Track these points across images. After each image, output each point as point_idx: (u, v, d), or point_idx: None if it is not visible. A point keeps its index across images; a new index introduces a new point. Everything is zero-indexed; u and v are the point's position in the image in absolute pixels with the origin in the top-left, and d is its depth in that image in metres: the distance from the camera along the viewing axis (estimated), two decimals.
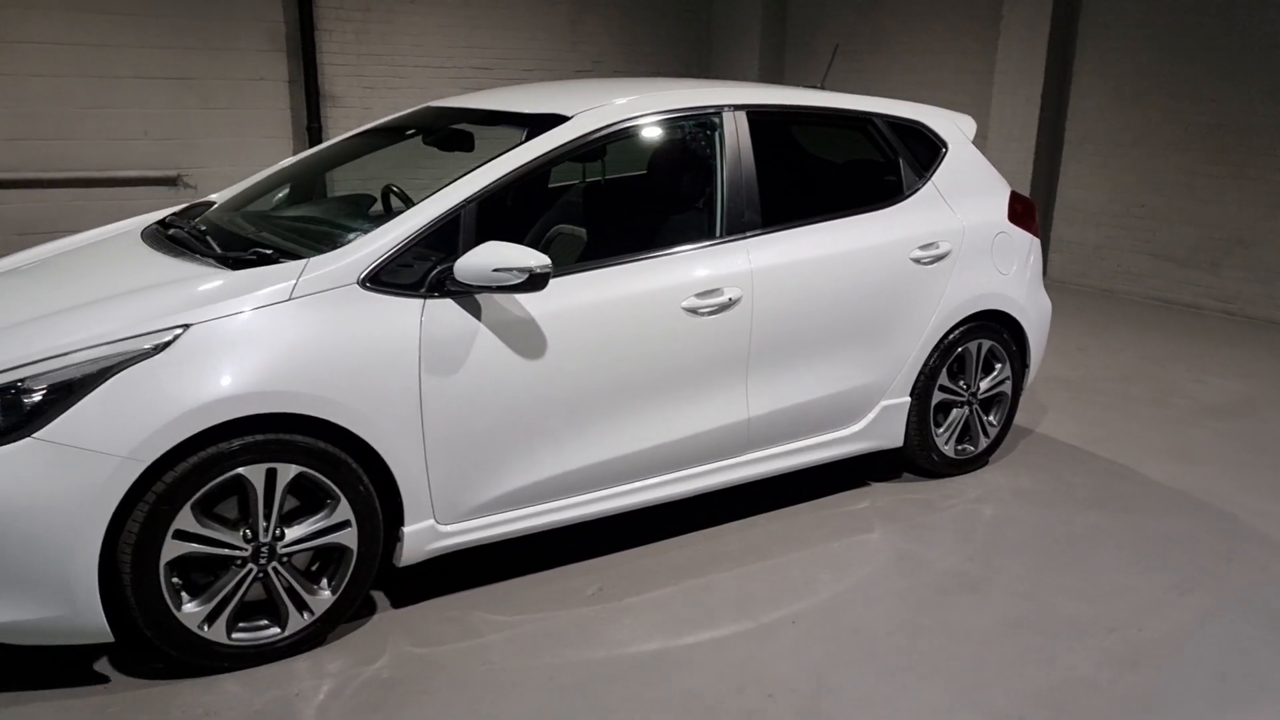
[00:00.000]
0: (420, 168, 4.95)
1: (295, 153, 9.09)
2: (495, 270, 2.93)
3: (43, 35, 7.92)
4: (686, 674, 2.90)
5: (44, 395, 2.57)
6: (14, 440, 2.53)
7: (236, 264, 3.02)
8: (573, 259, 3.46)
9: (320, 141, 9.11)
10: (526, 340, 3.13)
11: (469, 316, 3.04)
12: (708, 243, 3.54)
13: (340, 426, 2.85)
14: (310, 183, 4.18)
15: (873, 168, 4.21)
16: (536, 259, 2.94)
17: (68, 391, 2.58)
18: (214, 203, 4.04)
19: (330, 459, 2.85)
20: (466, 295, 3.04)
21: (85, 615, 2.62)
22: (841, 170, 4.33)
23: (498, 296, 3.08)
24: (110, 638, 2.69)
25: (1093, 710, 2.78)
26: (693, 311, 3.43)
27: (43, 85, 7.98)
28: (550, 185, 4.33)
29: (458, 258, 3.02)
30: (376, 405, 2.90)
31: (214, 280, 2.88)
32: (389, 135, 4.21)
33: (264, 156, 9.00)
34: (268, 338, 2.78)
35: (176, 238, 3.41)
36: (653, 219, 3.66)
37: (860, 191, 4.07)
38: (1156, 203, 7.83)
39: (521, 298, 3.12)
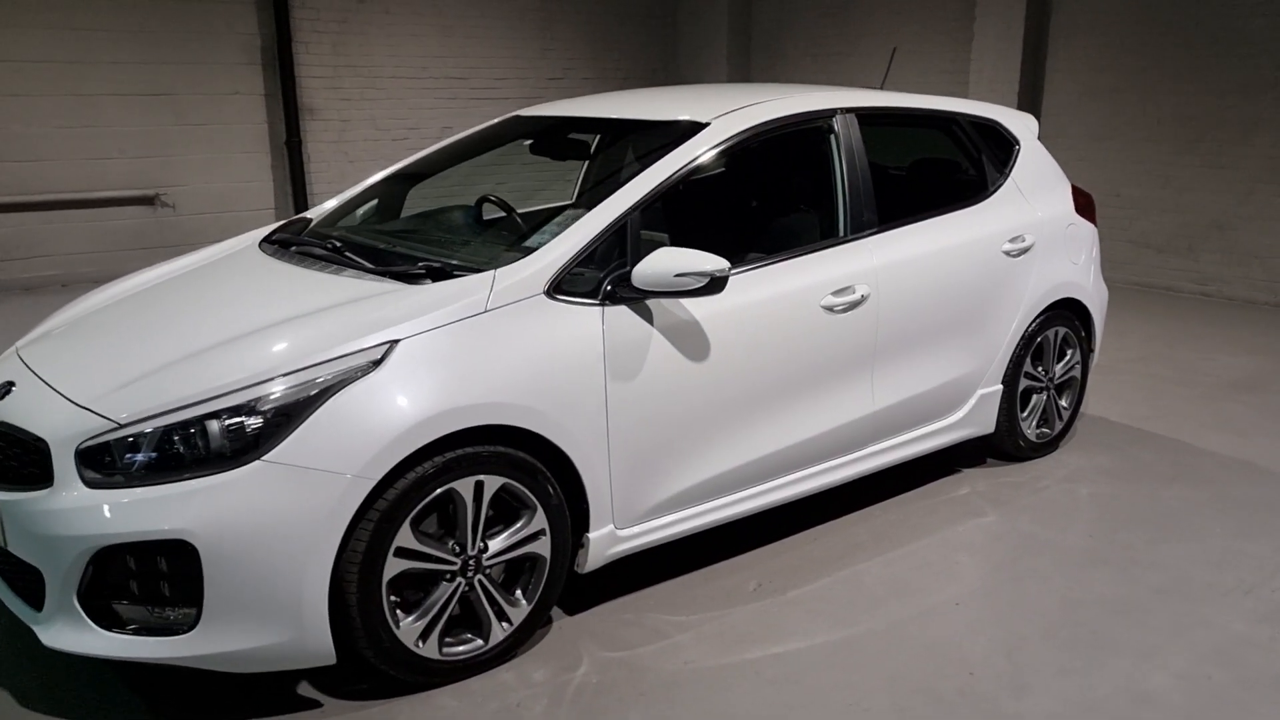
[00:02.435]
0: (496, 179, 4.96)
1: (274, 167, 8.94)
2: (677, 275, 2.97)
3: (13, 53, 7.62)
4: (882, 658, 3.00)
5: (269, 418, 2.53)
6: (242, 465, 2.50)
7: (409, 278, 3.01)
8: None
9: (300, 157, 8.96)
10: (693, 343, 3.19)
11: (643, 322, 3.09)
12: (835, 242, 3.64)
13: (540, 437, 2.87)
14: (401, 196, 4.15)
15: (959, 166, 4.37)
16: (716, 263, 3.00)
17: (292, 413, 2.55)
18: (311, 219, 3.99)
19: (529, 469, 2.87)
20: (639, 301, 3.08)
21: (313, 638, 2.59)
22: (931, 169, 4.48)
23: (665, 301, 3.13)
24: (333, 660, 2.66)
25: (1265, 667, 2.96)
26: (829, 309, 3.52)
27: (14, 105, 7.69)
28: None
29: (628, 264, 3.06)
30: (570, 413, 2.92)
31: (408, 296, 2.87)
32: (480, 145, 4.21)
33: (243, 172, 8.83)
34: (471, 350, 2.79)
35: (317, 254, 3.37)
36: (783, 220, 3.75)
37: (952, 189, 4.22)
38: (1133, 193, 8.21)
39: (686, 301, 3.17)
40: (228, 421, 2.53)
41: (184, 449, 2.52)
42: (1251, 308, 7.65)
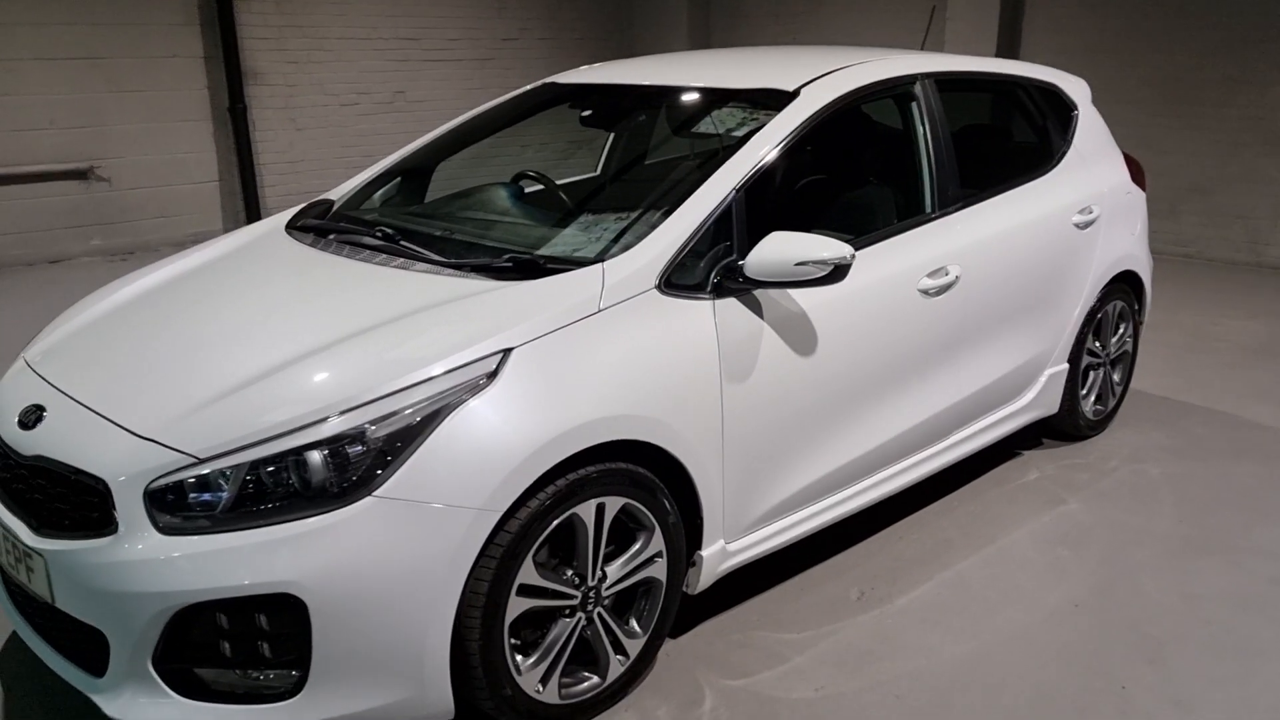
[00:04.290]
0: (522, 155, 4.57)
1: (215, 136, 8.30)
2: (798, 264, 2.67)
3: None
4: (1022, 674, 2.78)
5: (380, 446, 2.17)
6: (353, 503, 2.13)
7: (496, 272, 2.65)
8: None
9: (245, 125, 8.34)
10: (802, 335, 2.90)
11: (753, 315, 2.78)
12: (923, 219, 3.38)
13: (661, 450, 2.55)
14: (427, 174, 3.75)
15: (1008, 134, 4.14)
16: (839, 249, 2.70)
17: (405, 439, 2.19)
18: (334, 201, 3.58)
19: (649, 486, 2.56)
20: (747, 293, 2.78)
21: (434, 694, 2.26)
22: (999, 137, 4.24)
23: (772, 292, 2.83)
24: (452, 715, 2.33)
25: None
26: (925, 293, 3.27)
27: None
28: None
29: (734, 252, 2.75)
30: (688, 422, 2.61)
31: (511, 295, 2.51)
32: (512, 116, 3.83)
33: (183, 142, 8.20)
34: (589, 356, 2.45)
35: (369, 244, 2.97)
36: (870, 196, 3.47)
37: (1021, 159, 3.99)
38: None
39: (792, 291, 2.87)
40: (331, 452, 2.15)
41: (280, 486, 2.15)
42: (1233, 268, 7.66)
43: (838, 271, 2.71)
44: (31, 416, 2.41)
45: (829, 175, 3.39)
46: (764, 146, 2.94)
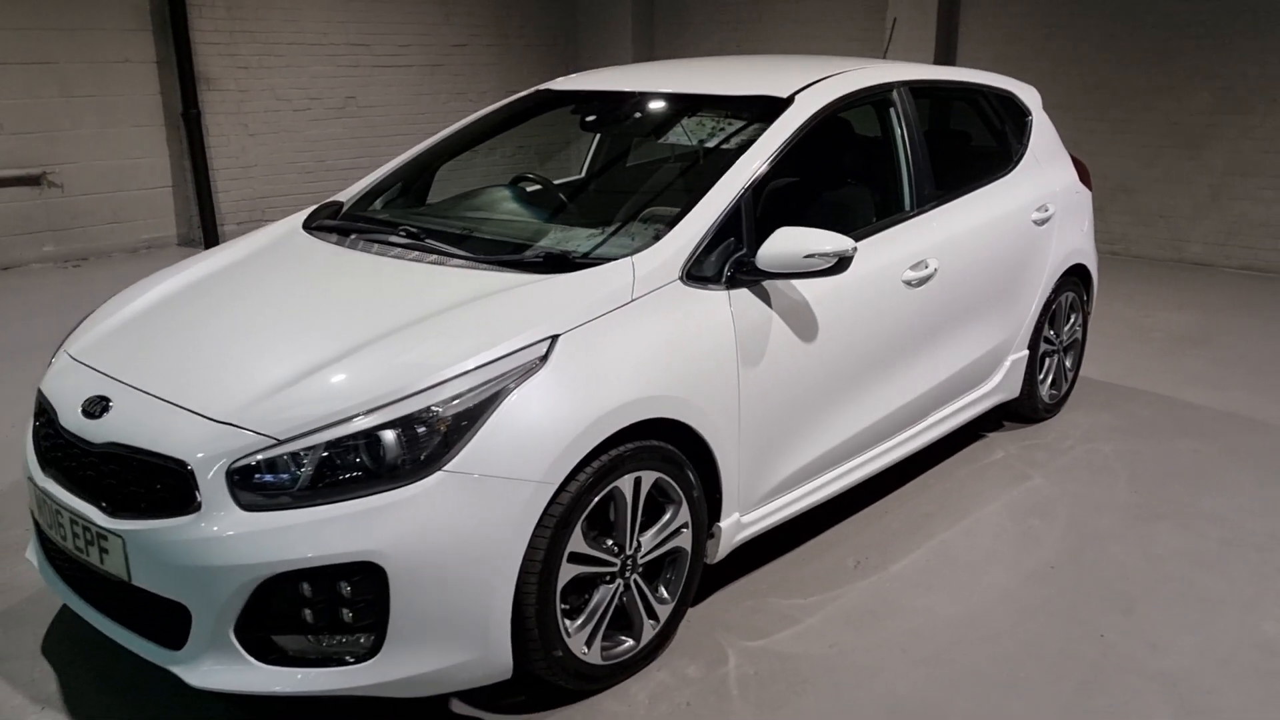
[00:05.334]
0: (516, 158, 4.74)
1: (169, 141, 8.29)
2: (807, 256, 2.91)
3: None
4: (1013, 629, 3.05)
5: (448, 425, 2.35)
6: (425, 477, 2.31)
7: (527, 266, 2.85)
8: None
9: (199, 130, 8.34)
10: (806, 322, 3.14)
11: (763, 304, 3.02)
12: (903, 217, 3.66)
13: (686, 428, 2.77)
14: (428, 177, 3.92)
15: (969, 137, 4.45)
16: (843, 242, 2.95)
17: (469, 418, 2.37)
18: (343, 203, 3.72)
19: (678, 462, 2.77)
20: (757, 283, 3.02)
21: (496, 654, 2.45)
22: (960, 140, 4.54)
23: (779, 282, 3.07)
24: (510, 675, 2.51)
25: None
26: (908, 284, 3.54)
27: None
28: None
29: (744, 247, 2.99)
30: (710, 402, 2.84)
31: (552, 287, 2.71)
32: (507, 122, 4.02)
33: (136, 147, 8.19)
34: (626, 341, 2.66)
35: (397, 241, 3.14)
36: (856, 195, 3.72)
37: (983, 161, 4.30)
38: None
39: (797, 282, 3.12)
40: (404, 430, 2.33)
41: (356, 463, 2.31)
42: (1157, 264, 8.15)
43: (842, 263, 2.97)
44: (97, 407, 2.53)
45: (818, 176, 3.64)
46: (768, 149, 3.18)
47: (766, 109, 3.38)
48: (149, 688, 2.72)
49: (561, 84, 4.10)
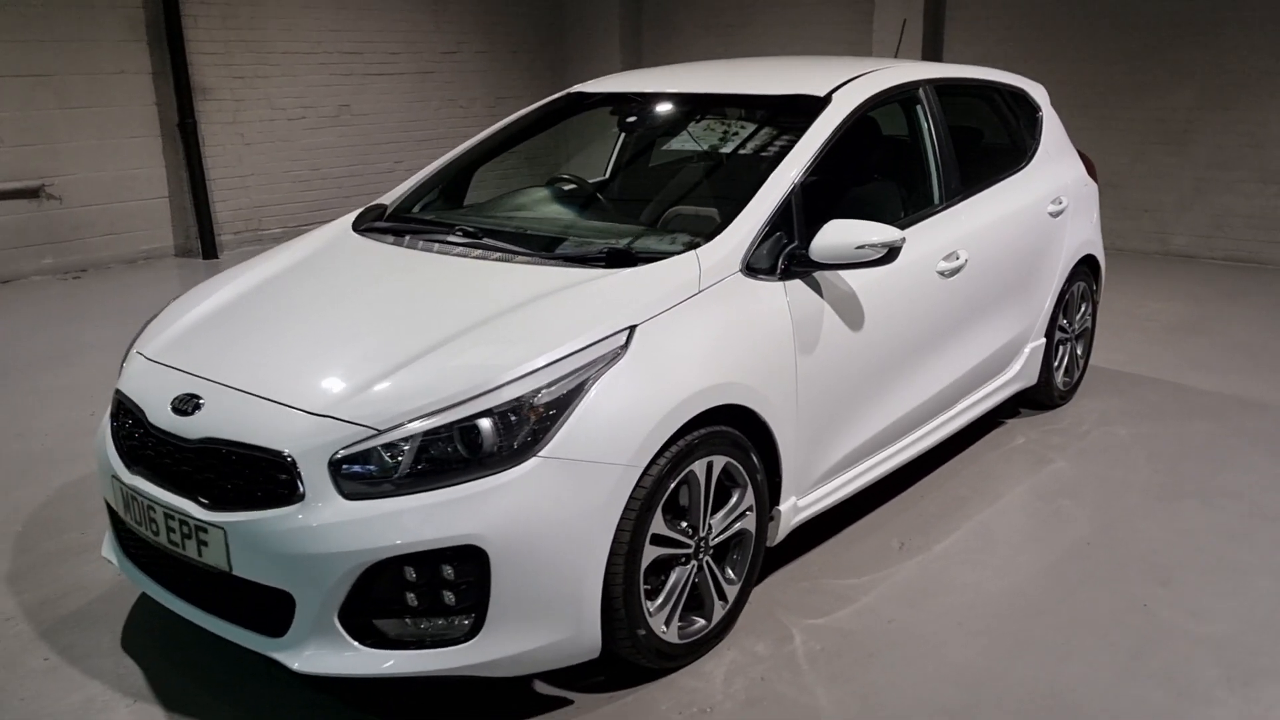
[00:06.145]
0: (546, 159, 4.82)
1: (165, 152, 8.29)
2: (858, 248, 3.03)
3: None
4: (1059, 602, 3.19)
5: (541, 412, 2.44)
6: (521, 463, 2.40)
7: (592, 262, 2.95)
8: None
9: (196, 141, 8.35)
10: (854, 311, 3.26)
11: (816, 294, 3.14)
12: (934, 210, 3.79)
13: (751, 413, 2.88)
14: (465, 179, 4.00)
15: (982, 134, 4.60)
16: (892, 233, 3.07)
17: (560, 406, 2.47)
18: (387, 206, 3.80)
19: (744, 446, 2.88)
20: (809, 274, 3.13)
21: (587, 634, 2.54)
22: (976, 136, 4.68)
23: (828, 273, 3.18)
24: (598, 654, 2.60)
25: None
26: (942, 274, 3.67)
27: None
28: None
29: (795, 239, 3.10)
30: (772, 388, 2.95)
31: (624, 281, 2.81)
32: (540, 124, 4.11)
33: (133, 158, 8.19)
34: (697, 331, 2.77)
35: (457, 241, 3.23)
36: (890, 189, 3.85)
37: (1000, 156, 4.45)
38: None
39: (844, 272, 3.23)
40: (499, 419, 2.42)
41: (455, 452, 2.40)
42: (1144, 258, 8.37)
43: (891, 254, 3.09)
44: (189, 404, 2.60)
45: (852, 172, 3.76)
46: (812, 145, 3.30)
47: (807, 107, 3.50)
48: (228, 675, 2.78)
49: (590, 86, 4.20)
